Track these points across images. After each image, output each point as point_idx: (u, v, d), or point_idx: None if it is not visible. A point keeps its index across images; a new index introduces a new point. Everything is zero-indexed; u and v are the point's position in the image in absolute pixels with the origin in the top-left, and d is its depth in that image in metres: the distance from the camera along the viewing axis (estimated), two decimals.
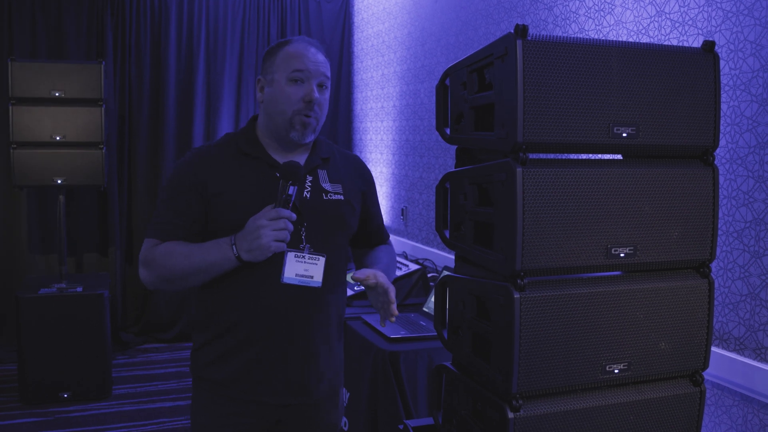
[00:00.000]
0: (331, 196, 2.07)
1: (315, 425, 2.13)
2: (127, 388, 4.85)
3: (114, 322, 5.58)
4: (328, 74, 2.05)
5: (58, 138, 4.67)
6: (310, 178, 2.06)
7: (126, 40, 5.76)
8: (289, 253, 1.94)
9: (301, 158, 2.08)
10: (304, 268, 1.96)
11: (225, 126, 5.97)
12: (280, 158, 2.05)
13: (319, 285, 1.98)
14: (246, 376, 2.02)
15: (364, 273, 1.98)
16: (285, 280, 1.95)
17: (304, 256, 1.97)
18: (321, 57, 2.03)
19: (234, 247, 1.89)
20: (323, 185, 2.07)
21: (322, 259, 1.99)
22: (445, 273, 1.83)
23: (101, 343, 4.64)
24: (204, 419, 2.08)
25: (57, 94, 4.66)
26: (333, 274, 2.06)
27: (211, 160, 2.03)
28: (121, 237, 5.84)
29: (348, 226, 2.12)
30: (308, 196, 2.03)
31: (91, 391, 4.63)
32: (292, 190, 1.89)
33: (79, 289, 4.64)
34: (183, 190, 1.99)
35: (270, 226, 1.85)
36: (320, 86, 2.02)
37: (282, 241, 1.88)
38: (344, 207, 2.09)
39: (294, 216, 1.89)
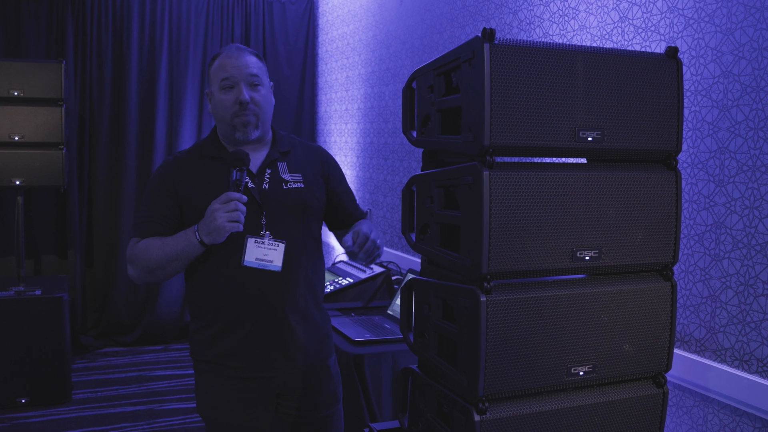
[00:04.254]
0: (291, 185, 2.24)
1: (314, 391, 2.31)
2: (87, 393, 4.76)
3: (74, 326, 5.49)
4: (256, 71, 2.21)
5: (16, 138, 4.58)
6: (269, 171, 2.24)
7: (87, 39, 5.65)
8: (249, 239, 2.13)
9: (262, 153, 2.27)
10: (263, 253, 2.15)
11: (188, 127, 5.89)
12: None
13: (279, 269, 2.16)
14: (239, 353, 2.20)
15: (349, 241, 2.14)
16: (245, 263, 2.13)
17: (263, 242, 2.15)
18: (246, 59, 2.21)
19: (197, 233, 2.09)
20: (283, 176, 2.25)
21: (282, 246, 2.17)
22: (411, 276, 1.83)
23: (60, 346, 4.55)
24: (210, 400, 2.26)
25: (15, 94, 4.56)
26: (297, 258, 2.22)
27: (180, 165, 2.24)
28: (80, 239, 5.74)
29: (310, 210, 2.27)
30: (267, 187, 2.20)
31: (49, 396, 4.54)
32: (238, 174, 2.07)
33: (38, 293, 4.55)
34: (158, 192, 2.22)
35: (222, 209, 2.03)
36: (251, 85, 2.20)
37: (236, 221, 2.04)
38: (305, 194, 2.25)
39: (245, 197, 2.06)
